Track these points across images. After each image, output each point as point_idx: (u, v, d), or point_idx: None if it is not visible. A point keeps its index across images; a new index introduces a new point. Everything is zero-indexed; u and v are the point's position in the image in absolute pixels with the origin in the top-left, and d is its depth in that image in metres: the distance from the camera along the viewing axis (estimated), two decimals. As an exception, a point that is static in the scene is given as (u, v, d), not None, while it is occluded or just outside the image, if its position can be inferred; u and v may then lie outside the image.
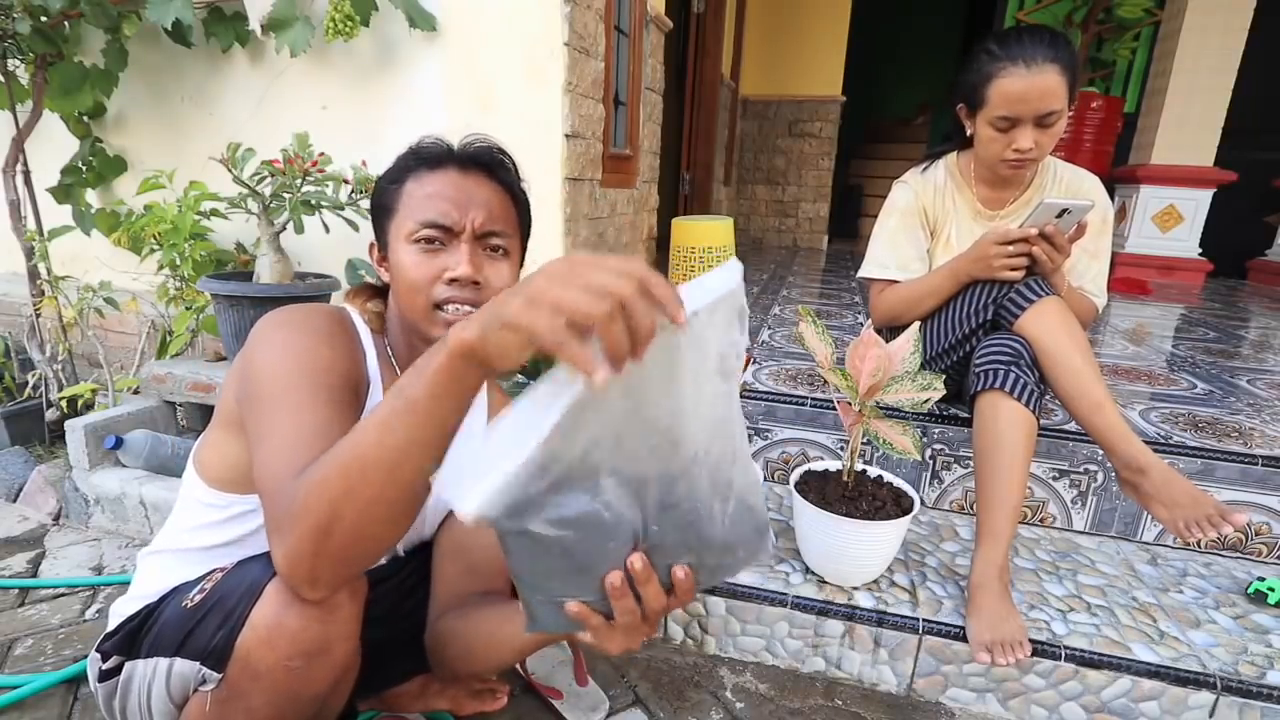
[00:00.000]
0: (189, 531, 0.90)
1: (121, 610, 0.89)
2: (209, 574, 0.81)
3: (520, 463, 0.49)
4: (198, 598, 0.77)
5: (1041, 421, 1.54)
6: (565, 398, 0.48)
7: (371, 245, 0.93)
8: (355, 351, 0.85)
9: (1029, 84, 1.29)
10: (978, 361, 1.32)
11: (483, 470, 0.49)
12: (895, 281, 1.55)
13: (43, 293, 2.16)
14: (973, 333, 1.41)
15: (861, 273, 1.62)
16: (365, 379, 0.86)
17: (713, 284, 0.54)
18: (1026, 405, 1.24)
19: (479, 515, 0.49)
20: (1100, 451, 1.48)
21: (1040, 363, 1.29)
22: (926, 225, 1.57)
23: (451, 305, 0.83)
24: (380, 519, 0.61)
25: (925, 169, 1.58)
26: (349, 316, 0.91)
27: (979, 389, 1.29)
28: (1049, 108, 1.30)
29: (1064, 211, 1.27)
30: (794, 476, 1.32)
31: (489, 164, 0.88)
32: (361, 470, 0.58)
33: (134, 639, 0.82)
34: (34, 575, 1.54)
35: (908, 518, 1.21)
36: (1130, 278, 3.99)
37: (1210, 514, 1.10)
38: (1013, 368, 1.26)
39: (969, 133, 1.45)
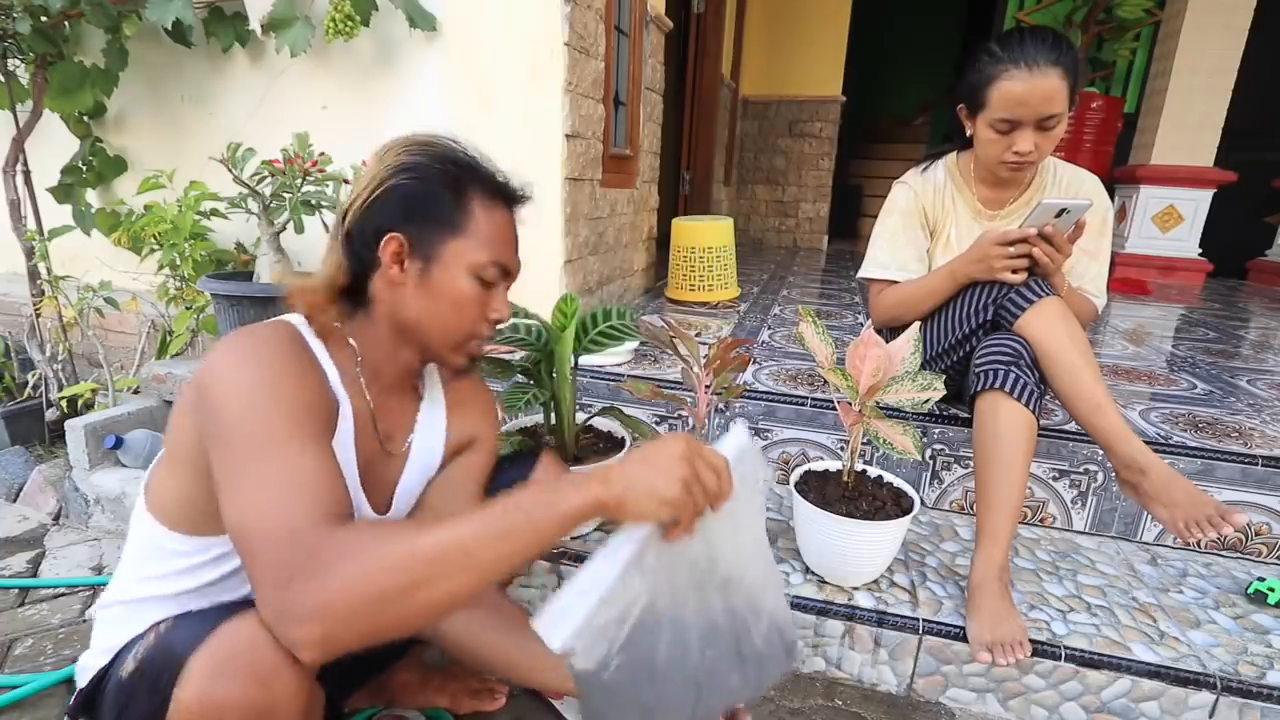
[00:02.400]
0: (158, 580, 0.81)
1: (88, 664, 0.82)
2: (150, 629, 0.73)
3: (593, 605, 0.61)
4: (132, 665, 0.72)
5: (1041, 421, 1.54)
6: (627, 552, 0.64)
7: (394, 238, 0.81)
8: (319, 376, 0.80)
9: (1030, 87, 1.29)
10: (978, 361, 1.32)
11: (568, 611, 0.61)
12: (894, 282, 1.56)
13: (43, 293, 2.16)
14: (973, 333, 1.41)
15: (861, 273, 1.62)
16: (334, 403, 0.82)
17: (735, 441, 0.72)
18: (1026, 405, 1.24)
19: (564, 649, 0.60)
20: (1100, 452, 1.48)
21: (1040, 363, 1.29)
22: (926, 225, 1.57)
23: (477, 341, 0.88)
24: (443, 606, 0.62)
25: (925, 169, 1.58)
26: (300, 333, 0.82)
27: (979, 389, 1.29)
28: (1049, 111, 1.30)
29: (1063, 211, 1.27)
30: (794, 476, 1.32)
31: (520, 204, 0.91)
32: (460, 560, 0.61)
33: (92, 703, 0.77)
34: (34, 575, 1.54)
35: (908, 518, 1.22)
36: (1130, 278, 3.99)
37: (1210, 514, 1.10)
38: (1013, 368, 1.27)
39: (969, 134, 1.45)
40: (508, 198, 0.88)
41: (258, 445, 0.66)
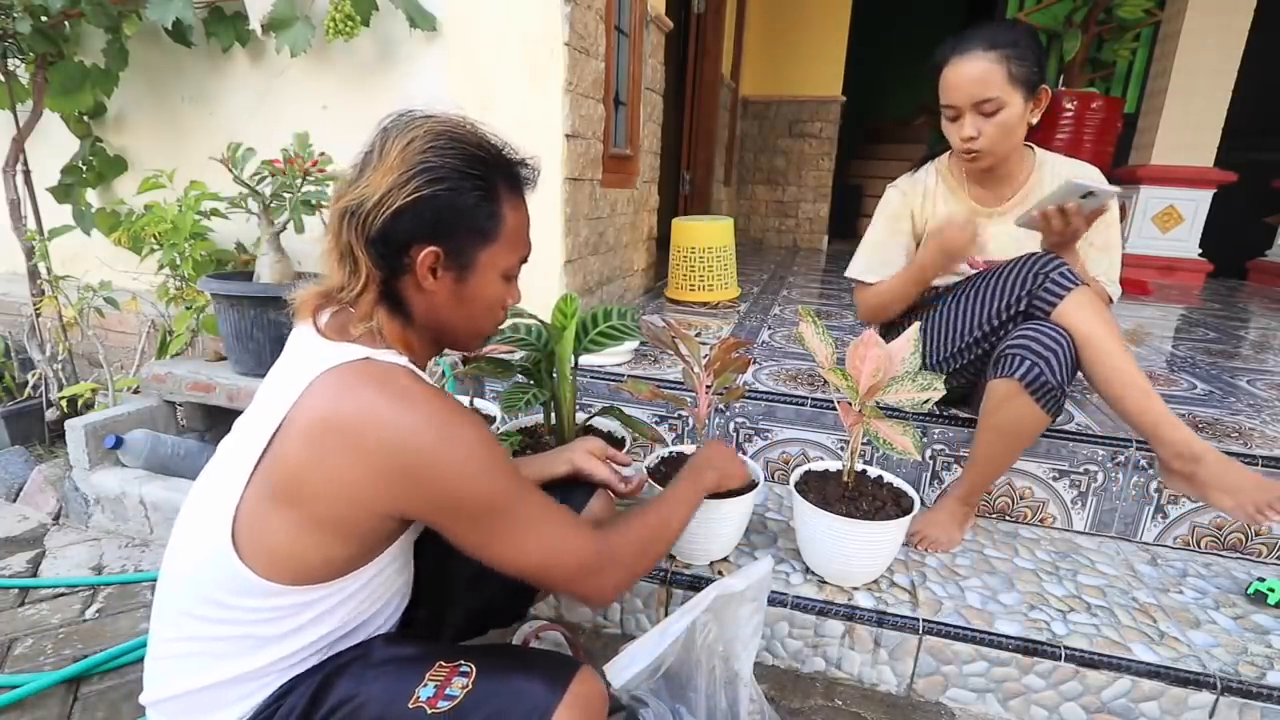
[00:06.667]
0: (277, 641, 0.75)
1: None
2: (431, 669, 0.75)
3: (646, 664, 0.90)
4: (444, 705, 0.72)
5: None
6: (671, 636, 0.92)
7: (430, 252, 0.78)
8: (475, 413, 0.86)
9: (958, 71, 1.34)
10: (1010, 343, 1.29)
11: (628, 664, 0.90)
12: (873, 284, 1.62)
13: (43, 292, 2.16)
14: (1003, 325, 1.36)
15: (847, 271, 1.67)
16: None
17: (757, 571, 1.03)
18: (1041, 405, 1.23)
19: (621, 687, 0.90)
20: (1100, 452, 1.49)
21: (1081, 353, 1.25)
22: (913, 230, 1.59)
23: (495, 328, 0.93)
24: (664, 552, 0.98)
25: (915, 172, 1.59)
26: (413, 369, 0.80)
27: (1001, 371, 1.27)
28: (981, 94, 1.33)
29: (1089, 194, 1.25)
30: (794, 476, 1.32)
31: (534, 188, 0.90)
32: (668, 535, 0.97)
33: None
34: (34, 575, 1.54)
35: (908, 518, 1.22)
36: (1130, 278, 3.97)
37: None
38: (1040, 362, 1.23)
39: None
40: (526, 186, 0.88)
41: (512, 502, 0.77)
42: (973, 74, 1.33)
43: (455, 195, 0.78)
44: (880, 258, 1.60)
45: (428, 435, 0.72)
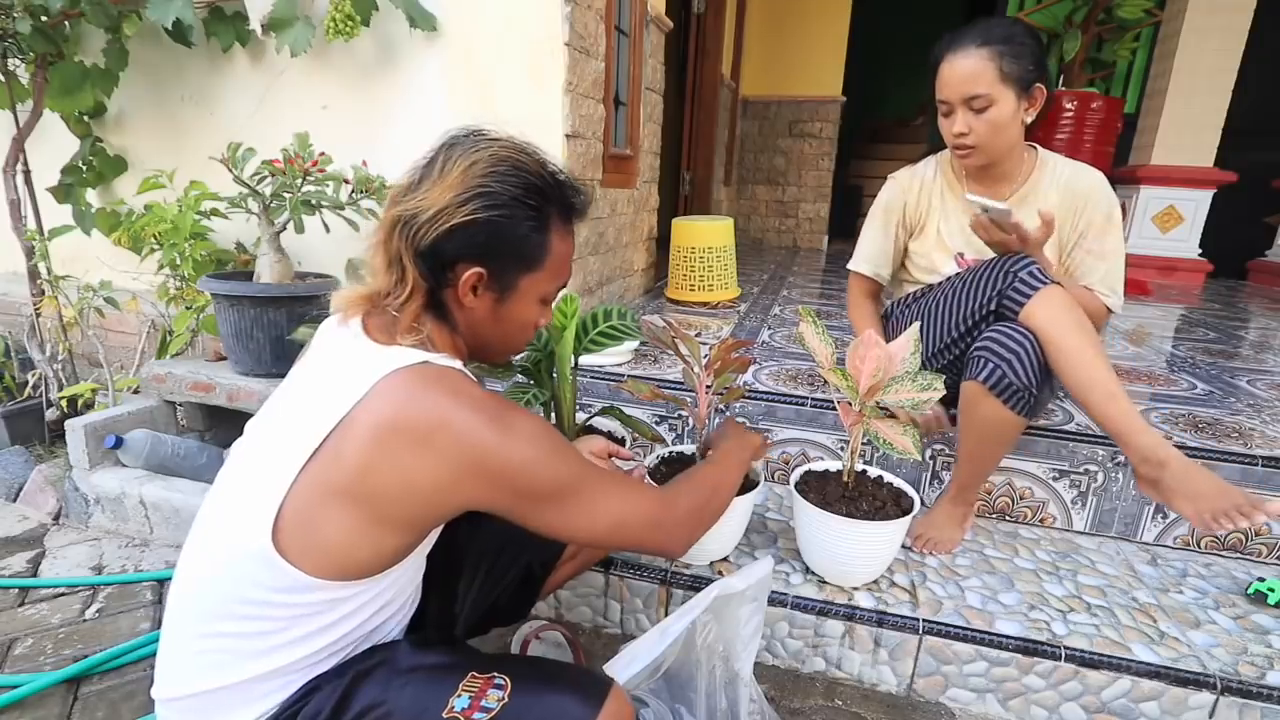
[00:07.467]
0: (305, 640, 0.75)
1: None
2: (465, 680, 0.76)
3: (646, 663, 0.89)
4: (480, 717, 0.72)
5: (1041, 422, 1.55)
6: (671, 635, 0.91)
7: (474, 273, 0.80)
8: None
9: (951, 67, 1.35)
10: (975, 347, 1.31)
11: (629, 663, 0.89)
12: (866, 276, 1.67)
13: (43, 292, 2.16)
14: (975, 326, 1.37)
15: (849, 264, 1.71)
16: None
17: (757, 571, 1.03)
18: (1006, 404, 1.24)
19: (623, 684, 0.83)
20: (1100, 452, 1.49)
21: (1047, 352, 1.24)
22: (905, 223, 1.60)
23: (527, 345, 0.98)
24: (718, 513, 1.02)
25: (917, 164, 1.60)
26: (467, 373, 0.82)
27: (967, 375, 1.30)
28: (971, 90, 1.33)
29: (985, 209, 1.30)
30: (794, 476, 1.32)
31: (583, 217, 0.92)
32: (722, 500, 1.02)
33: None
34: (34, 575, 1.54)
35: (908, 518, 1.22)
36: (1130, 278, 3.96)
37: (1239, 504, 1.06)
38: (1003, 364, 1.24)
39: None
40: (578, 216, 0.89)
41: (577, 480, 0.81)
42: (964, 70, 1.34)
43: (509, 223, 0.80)
44: (869, 249, 1.65)
45: (493, 434, 0.74)
